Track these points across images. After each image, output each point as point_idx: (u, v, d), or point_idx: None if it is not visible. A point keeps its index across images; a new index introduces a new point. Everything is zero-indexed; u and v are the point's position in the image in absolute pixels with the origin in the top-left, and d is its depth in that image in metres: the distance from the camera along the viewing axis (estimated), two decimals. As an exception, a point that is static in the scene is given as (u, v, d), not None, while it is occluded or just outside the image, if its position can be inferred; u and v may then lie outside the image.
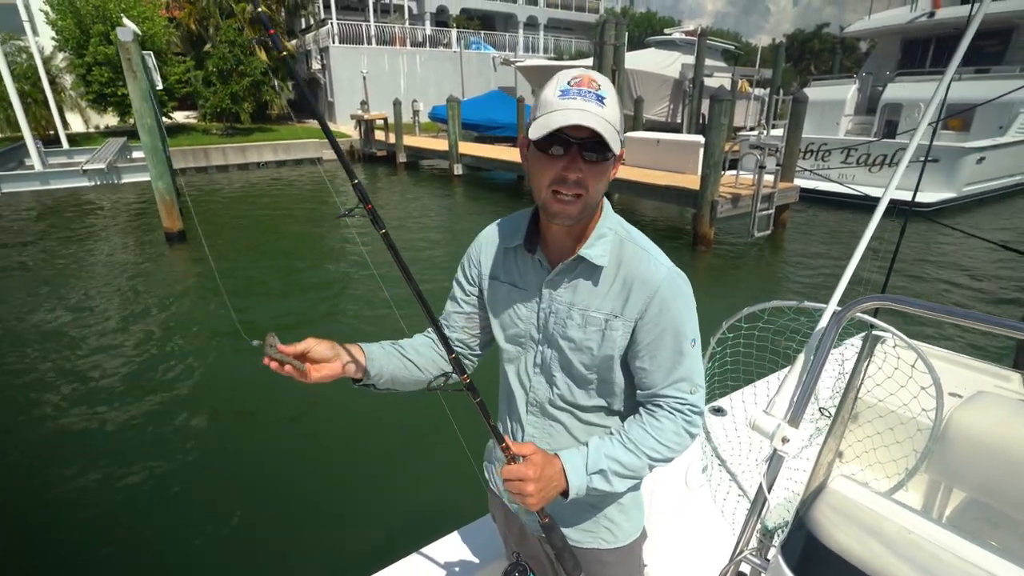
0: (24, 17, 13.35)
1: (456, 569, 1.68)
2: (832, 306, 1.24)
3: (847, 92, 15.57)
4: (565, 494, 1.03)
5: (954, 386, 1.63)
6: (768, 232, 9.13)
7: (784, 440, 1.04)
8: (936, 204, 11.40)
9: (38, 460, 3.88)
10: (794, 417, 1.06)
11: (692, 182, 9.13)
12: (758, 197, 8.65)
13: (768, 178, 8.85)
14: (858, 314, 1.17)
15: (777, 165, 9.09)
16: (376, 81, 22.73)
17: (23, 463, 3.86)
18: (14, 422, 4.31)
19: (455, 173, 15.33)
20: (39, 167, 9.92)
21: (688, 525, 2.10)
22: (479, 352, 1.30)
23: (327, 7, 23.84)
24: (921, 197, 11.40)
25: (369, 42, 23.79)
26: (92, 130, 19.96)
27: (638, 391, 1.10)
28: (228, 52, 18.76)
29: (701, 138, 9.62)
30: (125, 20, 10.54)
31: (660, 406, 1.07)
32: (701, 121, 17.19)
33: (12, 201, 11.57)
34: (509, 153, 14.85)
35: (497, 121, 19.89)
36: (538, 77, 18.42)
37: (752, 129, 16.16)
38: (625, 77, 15.50)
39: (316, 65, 24.79)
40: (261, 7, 0.99)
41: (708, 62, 19.43)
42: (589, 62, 14.75)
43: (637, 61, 18.63)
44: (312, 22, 25.60)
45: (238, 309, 6.72)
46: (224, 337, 5.82)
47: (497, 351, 1.25)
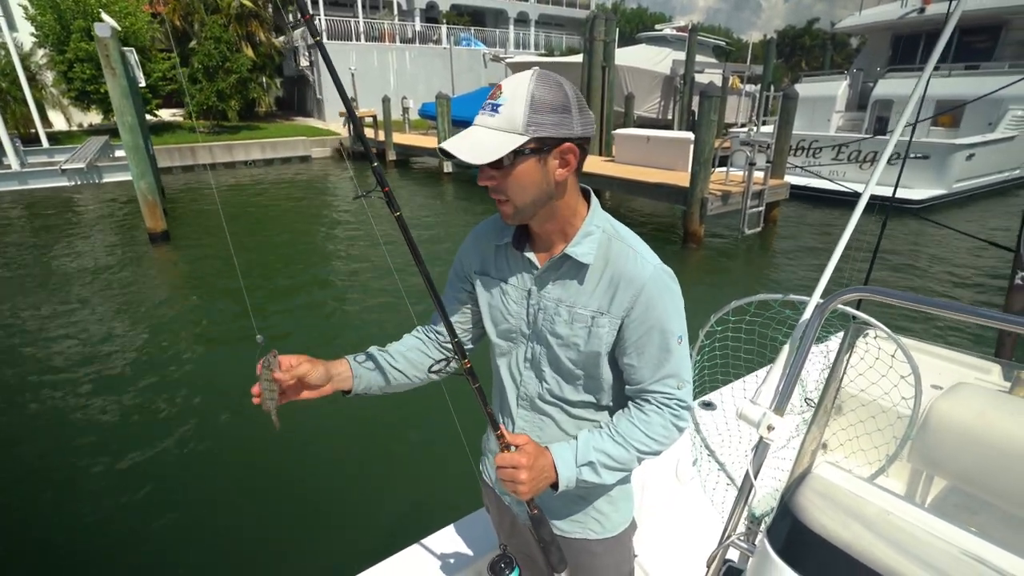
0: (0, 12, 13.02)
1: (451, 562, 1.72)
2: (815, 298, 1.27)
3: (838, 88, 15.54)
4: (555, 486, 1.06)
5: (936, 378, 1.69)
6: (758, 229, 9.07)
7: (770, 428, 1.07)
8: (927, 201, 11.38)
9: (33, 460, 3.86)
10: (779, 406, 1.09)
11: (682, 179, 9.04)
12: (748, 194, 8.58)
13: (758, 175, 8.77)
14: (842, 307, 1.19)
15: (767, 162, 9.01)
16: (365, 78, 22.50)
17: (18, 463, 3.84)
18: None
19: (445, 171, 15.17)
20: (16, 167, 9.68)
21: (679, 516, 2.14)
22: (471, 347, 1.31)
23: (315, 3, 23.56)
24: (911, 194, 11.38)
25: (358, 38, 23.55)
26: (75, 128, 19.63)
27: (626, 386, 1.12)
28: (214, 48, 18.46)
29: (691, 135, 9.53)
30: (104, 15, 10.28)
31: (648, 401, 1.09)
32: (692, 117, 17.11)
33: (-11, 201, 11.24)
34: (499, 150, 14.68)
35: (476, 116, 19.69)
36: (528, 74, 18.25)
37: (743, 126, 16.10)
38: (616, 73, 15.37)
39: (304, 62, 24.52)
40: None
41: (699, 58, 19.37)
42: (579, 58, 14.61)
43: (628, 57, 18.51)
44: (300, 18, 25.32)
45: (232, 308, 6.64)
46: (215, 337, 5.79)
47: (490, 346, 1.27)
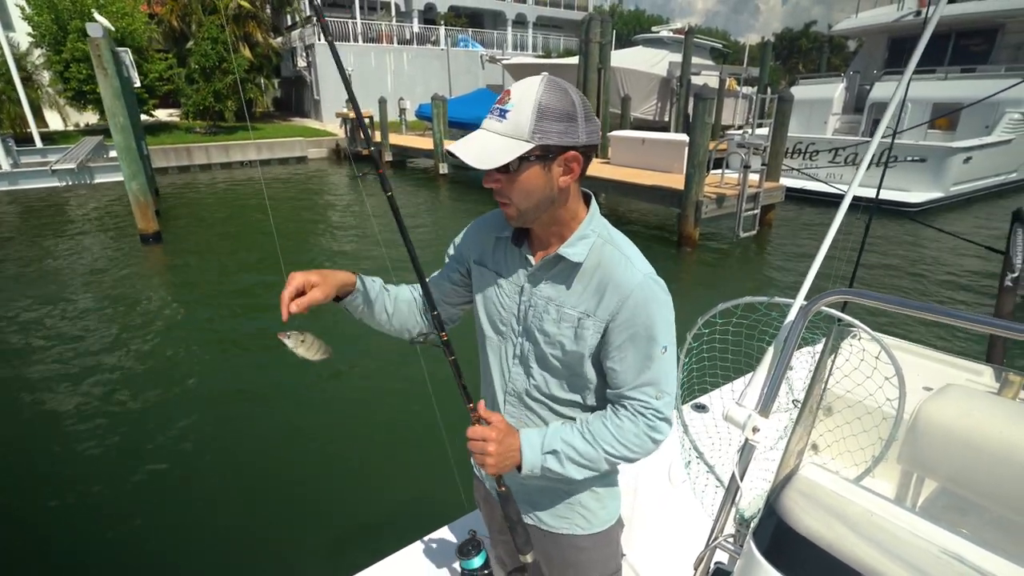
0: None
1: (444, 563, 1.74)
2: (799, 300, 1.28)
3: (834, 91, 15.54)
4: (521, 468, 1.10)
5: (928, 381, 1.71)
6: (754, 232, 9.03)
7: (755, 430, 1.08)
8: (923, 204, 11.36)
9: (25, 460, 3.86)
10: (764, 407, 1.09)
11: (677, 182, 9.00)
12: (743, 197, 8.55)
13: (753, 178, 8.74)
14: (827, 309, 1.21)
15: (762, 164, 8.98)
16: (363, 79, 22.49)
17: (14, 464, 3.84)
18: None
19: (440, 172, 15.14)
20: (7, 167, 9.62)
21: (671, 519, 2.16)
22: (449, 325, 1.33)
23: (312, 4, 23.53)
24: (908, 197, 11.36)
25: (356, 40, 23.52)
26: (72, 128, 19.57)
27: (607, 389, 1.13)
28: (210, 49, 18.43)
29: (686, 137, 9.50)
30: (96, 15, 10.24)
31: (625, 407, 1.10)
32: (688, 120, 17.09)
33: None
34: (495, 152, 14.63)
35: (484, 119, 19.67)
36: (525, 75, 18.19)
37: (740, 128, 16.08)
38: (612, 75, 15.35)
39: (302, 63, 24.49)
40: None
41: (696, 60, 19.34)
42: (576, 60, 14.59)
43: (624, 59, 18.49)
44: (297, 19, 25.30)
45: (225, 308, 6.62)
46: (205, 338, 5.78)
47: (474, 327, 1.29)
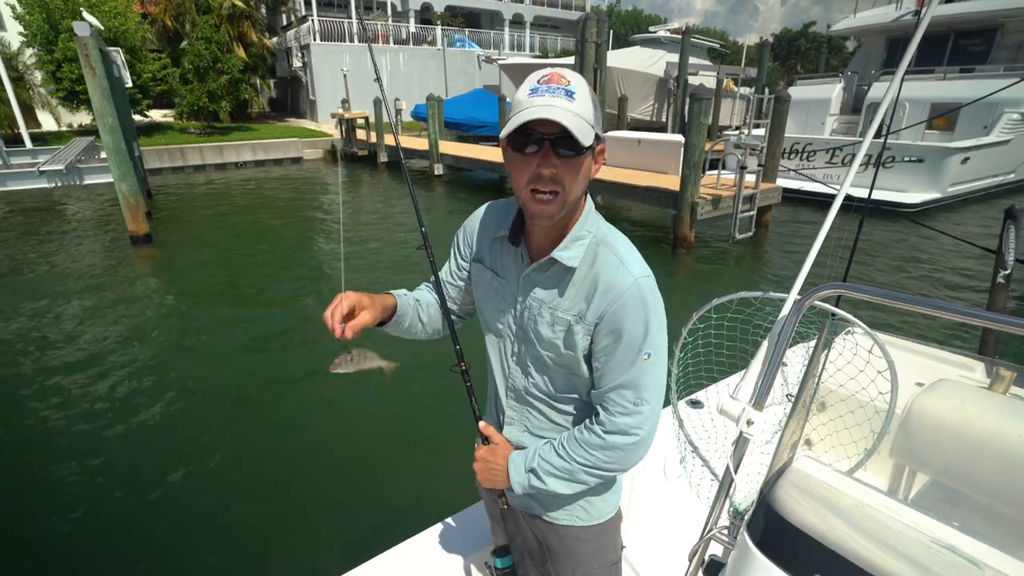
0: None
1: (448, 554, 1.77)
2: (793, 294, 1.29)
3: (832, 91, 15.46)
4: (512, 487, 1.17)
5: (920, 375, 1.74)
6: (750, 234, 8.93)
7: (749, 423, 1.09)
8: (920, 205, 11.27)
9: (26, 461, 3.84)
10: (758, 401, 1.10)
11: (673, 183, 8.90)
12: (739, 198, 8.45)
13: (750, 179, 8.64)
14: (820, 303, 1.24)
15: (759, 165, 8.88)
16: (358, 79, 22.35)
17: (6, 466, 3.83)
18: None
19: (436, 173, 15.02)
20: (-4, 168, 9.50)
21: (667, 513, 2.18)
22: (465, 319, 1.37)
23: (308, 4, 23.41)
24: (905, 197, 11.28)
25: (351, 40, 23.40)
26: (65, 128, 19.43)
27: (592, 391, 1.13)
28: (204, 49, 18.30)
29: (682, 138, 9.40)
30: (85, 14, 10.11)
31: (598, 414, 1.10)
32: (685, 120, 17.01)
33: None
34: (490, 153, 14.57)
35: (480, 120, 19.58)
36: (522, 75, 18.14)
37: (737, 128, 16.00)
38: (609, 76, 15.25)
39: (297, 63, 24.36)
40: None
41: (693, 60, 19.26)
42: (573, 60, 14.48)
43: (621, 59, 18.40)
44: (293, 19, 25.16)
45: (217, 309, 6.56)
46: (196, 339, 5.72)
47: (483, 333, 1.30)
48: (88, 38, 7.78)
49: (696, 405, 2.39)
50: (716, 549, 1.17)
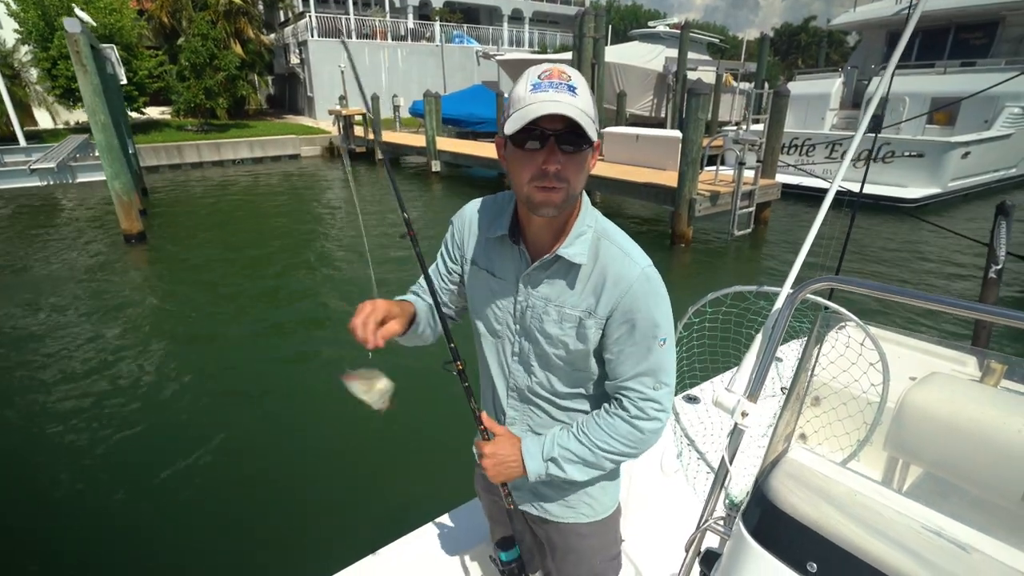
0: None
1: (445, 550, 1.78)
2: (786, 288, 1.31)
3: (832, 86, 15.33)
4: (527, 476, 1.14)
5: (913, 369, 1.76)
6: (749, 230, 8.85)
7: (744, 415, 1.10)
8: (920, 200, 11.19)
9: (22, 461, 3.84)
10: (752, 393, 1.12)
11: (671, 179, 8.82)
12: (738, 194, 8.38)
13: (748, 174, 8.56)
14: (813, 297, 1.25)
15: (757, 161, 8.80)
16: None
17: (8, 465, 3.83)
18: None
19: (433, 170, 14.94)
20: (-11, 166, 9.44)
21: (664, 507, 2.22)
22: (457, 321, 1.33)
23: (305, 0, 23.28)
24: (905, 193, 11.20)
25: (349, 36, 23.27)
26: (62, 126, 19.36)
27: (606, 382, 1.14)
28: (201, 46, 18.20)
29: (680, 133, 9.31)
30: (77, 10, 10.02)
31: (620, 400, 1.10)
32: (684, 116, 16.89)
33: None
34: (489, 149, 14.48)
35: (478, 116, 19.47)
36: (519, 71, 17.83)
37: (737, 124, 15.90)
38: (607, 71, 15.15)
39: (295, 60, 24.25)
40: None
41: (692, 56, 19.14)
42: (571, 55, 14.37)
43: (620, 55, 18.27)
44: (291, 15, 25.04)
45: (211, 308, 6.53)
46: (187, 337, 5.70)
47: (475, 334, 1.28)
48: (79, 35, 7.70)
49: (692, 400, 2.42)
50: (713, 541, 1.18)
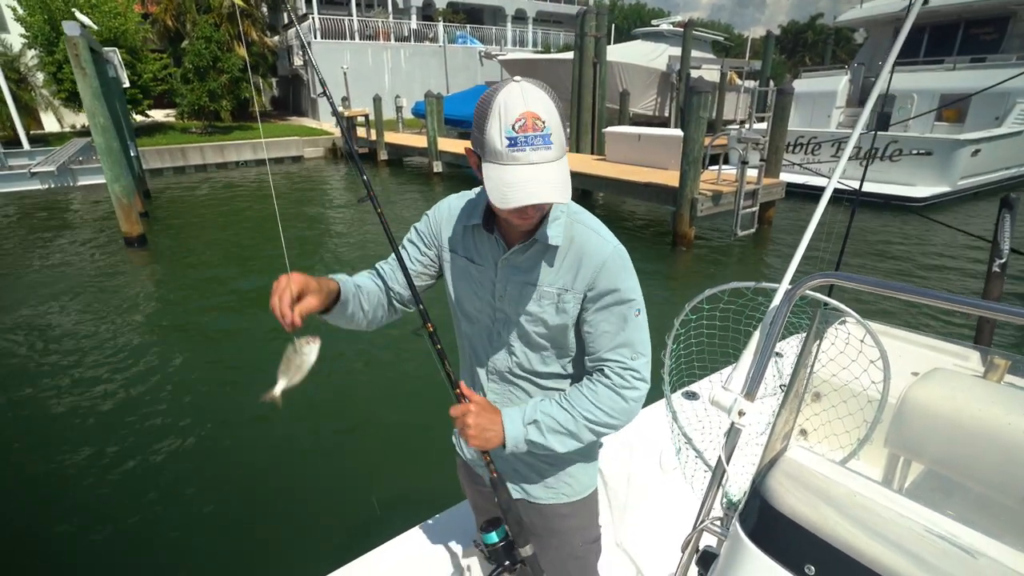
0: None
1: (433, 554, 1.78)
2: (784, 284, 1.30)
3: (839, 83, 15.14)
4: (505, 444, 1.12)
5: (915, 365, 1.73)
6: (752, 230, 8.72)
7: (740, 413, 1.09)
8: (929, 199, 10.99)
9: (22, 462, 3.85)
10: (750, 391, 1.11)
11: (673, 179, 8.69)
12: (741, 194, 8.24)
13: (752, 174, 8.43)
14: (812, 293, 1.25)
15: (761, 160, 8.66)
16: (360, 77, 22.24)
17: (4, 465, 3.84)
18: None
19: (435, 171, 14.89)
20: (-9, 170, 9.49)
21: (664, 506, 2.20)
22: (409, 309, 1.32)
23: (308, 2, 23.30)
24: (914, 191, 11.01)
25: (352, 37, 23.28)
26: (68, 130, 19.47)
27: (586, 357, 1.17)
28: (204, 48, 18.24)
29: (682, 132, 9.19)
30: (77, 14, 10.04)
31: (602, 371, 1.14)
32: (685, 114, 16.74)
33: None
34: (491, 149, 14.38)
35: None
36: (522, 71, 17.86)
37: (742, 123, 15.73)
38: (610, 70, 15.03)
39: (298, 61, 24.29)
40: None
41: (696, 54, 18.98)
42: (573, 55, 14.27)
43: (623, 53, 18.14)
44: (294, 17, 25.07)
45: (209, 310, 6.54)
46: (184, 339, 5.71)
47: (454, 320, 1.32)
48: (78, 38, 7.69)
49: (691, 397, 2.41)
50: (710, 541, 1.17)
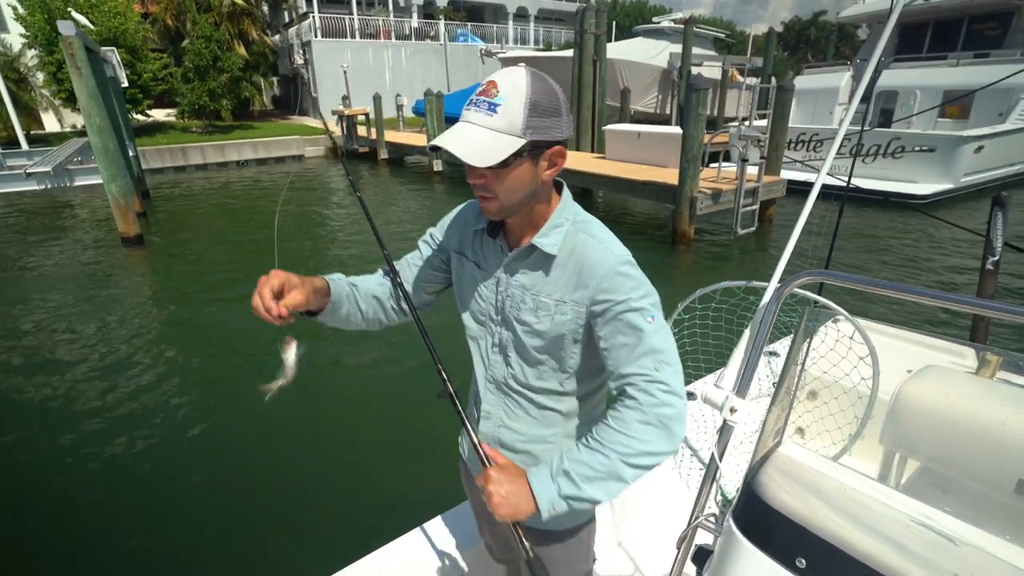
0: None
1: (435, 555, 1.77)
2: (773, 283, 1.30)
3: (841, 80, 15.01)
4: (539, 509, 1.00)
5: (910, 362, 1.74)
6: (752, 229, 8.63)
7: (732, 410, 1.10)
8: (932, 196, 10.87)
9: (21, 462, 3.84)
10: (741, 389, 1.11)
11: (673, 177, 8.61)
12: (741, 192, 8.16)
13: (752, 171, 8.35)
14: (802, 291, 1.26)
15: (761, 157, 8.58)
16: (360, 75, 22.20)
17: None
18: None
19: (435, 169, 14.84)
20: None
21: (658, 503, 2.24)
22: (422, 310, 1.30)
23: (309, 0, 23.26)
24: (916, 189, 10.90)
25: (353, 36, 23.23)
26: (68, 130, 19.48)
27: (609, 380, 1.07)
28: (204, 47, 18.22)
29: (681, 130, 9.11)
30: (73, 13, 10.01)
31: (626, 392, 1.01)
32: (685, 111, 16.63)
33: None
34: (490, 148, 14.31)
35: (466, 110, 19.34)
36: (523, 69, 17.82)
37: (743, 119, 15.63)
38: (611, 67, 14.95)
39: (299, 60, 24.26)
40: None
41: (698, 51, 18.88)
42: (571, 53, 14.19)
43: (623, 51, 18.04)
44: (294, 16, 25.06)
45: (206, 311, 6.50)
46: (181, 341, 5.68)
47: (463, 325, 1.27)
48: (73, 37, 7.66)
49: (689, 397, 2.42)
50: (705, 537, 1.19)
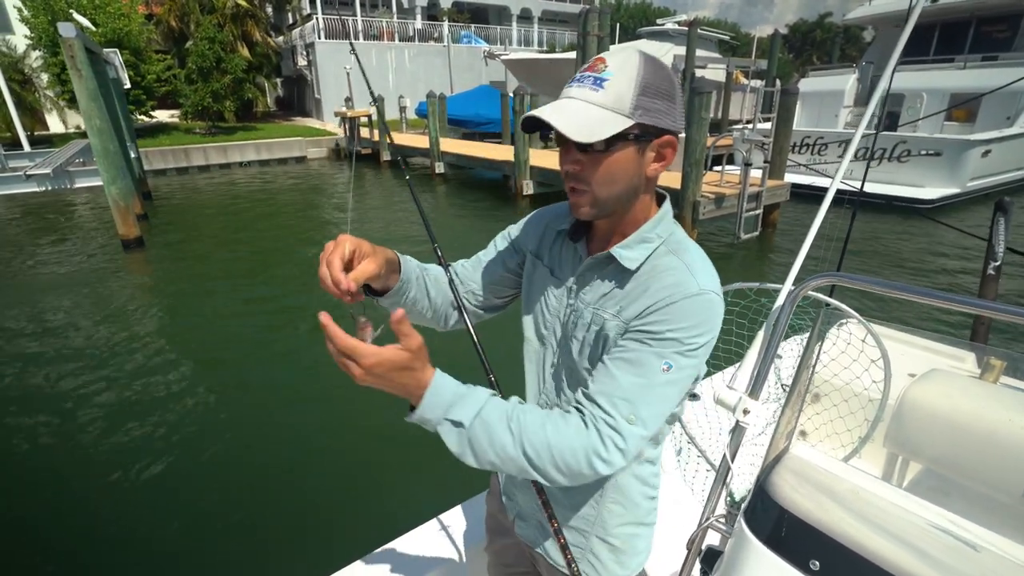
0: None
1: (455, 542, 1.75)
2: (787, 285, 1.29)
3: (846, 82, 14.89)
4: (413, 408, 0.82)
5: (913, 366, 1.74)
6: (756, 233, 8.55)
7: (745, 412, 1.09)
8: (938, 200, 10.76)
9: (21, 463, 3.87)
10: (754, 390, 1.11)
11: (676, 180, 8.54)
12: (744, 196, 8.07)
13: (755, 175, 8.25)
14: (814, 294, 1.26)
15: (765, 161, 8.49)
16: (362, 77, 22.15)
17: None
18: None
19: (437, 172, 14.78)
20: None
21: (663, 506, 2.25)
22: (481, 312, 1.18)
23: (312, 2, 23.27)
24: (922, 193, 10.79)
25: (356, 37, 23.22)
26: (72, 131, 19.53)
27: (579, 388, 0.92)
28: (207, 49, 18.23)
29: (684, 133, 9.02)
30: (75, 14, 10.00)
31: (581, 412, 0.85)
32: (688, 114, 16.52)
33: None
34: (493, 151, 14.28)
35: (484, 117, 19.28)
36: (525, 71, 17.77)
37: (748, 123, 15.53)
38: (614, 69, 14.83)
39: (302, 61, 24.27)
40: None
41: (702, 53, 18.78)
42: (575, 54, 14.11)
43: (628, 53, 17.94)
44: (298, 18, 25.07)
45: (205, 313, 6.47)
46: (180, 341, 5.69)
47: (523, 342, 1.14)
48: (73, 39, 7.63)
49: (693, 397, 2.39)
50: (714, 538, 1.17)
